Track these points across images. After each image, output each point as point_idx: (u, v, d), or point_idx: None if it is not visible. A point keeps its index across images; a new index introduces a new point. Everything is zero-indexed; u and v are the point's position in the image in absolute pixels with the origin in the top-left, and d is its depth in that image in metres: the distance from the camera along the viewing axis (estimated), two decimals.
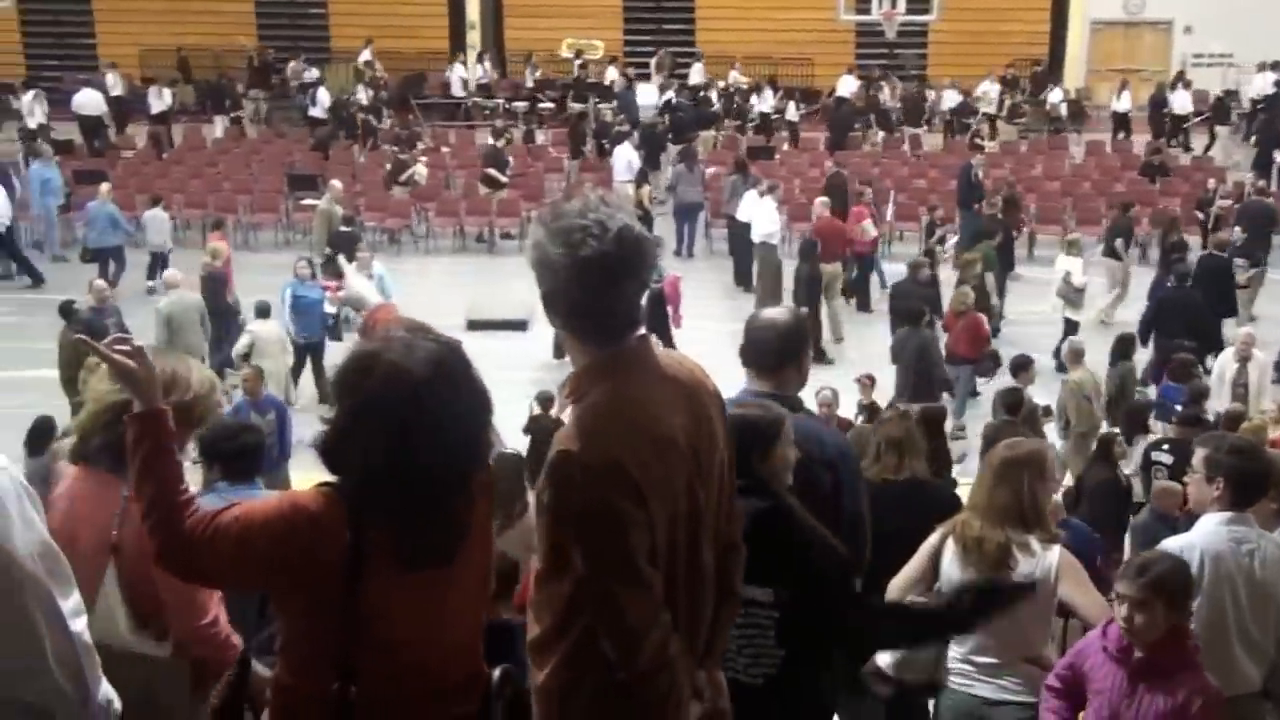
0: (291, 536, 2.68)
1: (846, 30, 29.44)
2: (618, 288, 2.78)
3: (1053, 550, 4.57)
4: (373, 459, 2.69)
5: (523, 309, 15.87)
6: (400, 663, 2.77)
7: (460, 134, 26.15)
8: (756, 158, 23.11)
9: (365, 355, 2.78)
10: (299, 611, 2.78)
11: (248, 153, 24.08)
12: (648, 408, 2.82)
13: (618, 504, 2.70)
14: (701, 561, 2.95)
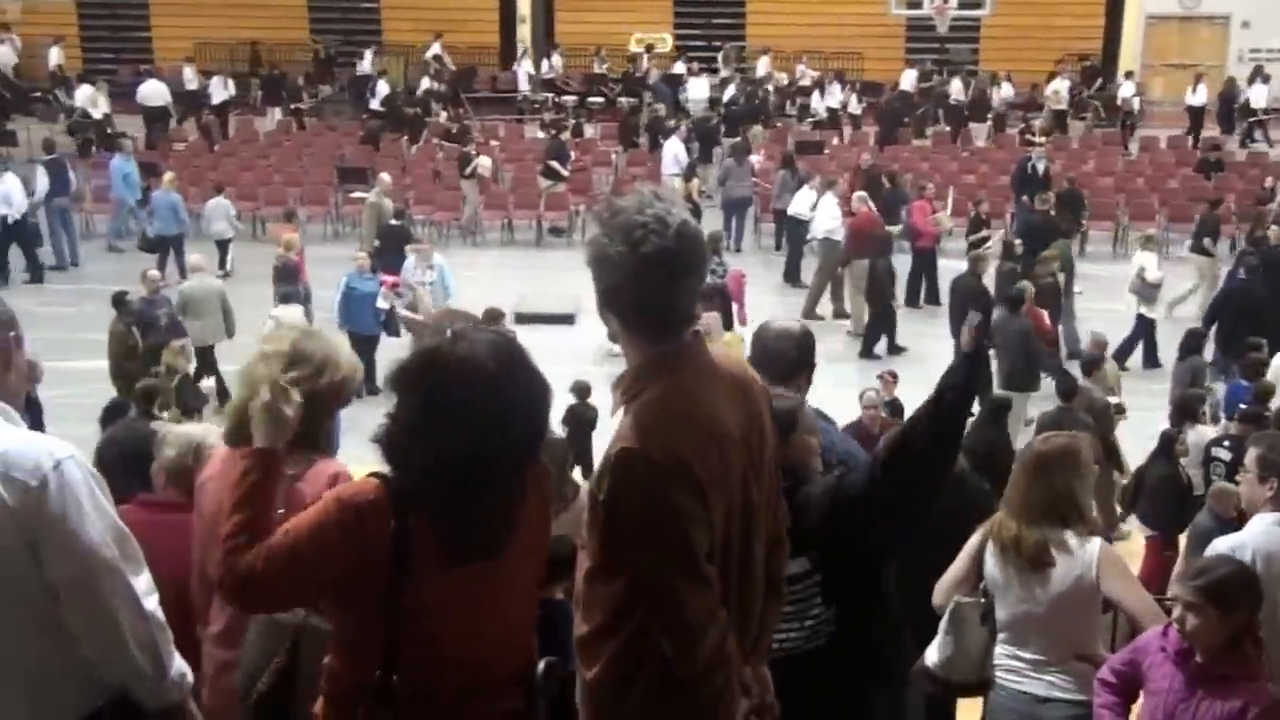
0: (340, 542, 2.69)
1: (897, 24, 29.28)
2: (677, 284, 2.78)
3: (1092, 544, 4.52)
4: (441, 454, 2.68)
5: (570, 303, 15.89)
6: (444, 656, 2.76)
7: (510, 128, 26.18)
8: (805, 152, 23.02)
9: (430, 351, 2.78)
10: (345, 602, 2.78)
11: (299, 145, 24.23)
12: (706, 404, 2.81)
13: (682, 501, 2.70)
14: (753, 558, 2.95)
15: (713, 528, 2.76)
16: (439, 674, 2.76)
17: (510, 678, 2.88)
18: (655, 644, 2.78)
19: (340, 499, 2.74)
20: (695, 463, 2.71)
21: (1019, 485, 4.66)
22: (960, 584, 4.74)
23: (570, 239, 20.38)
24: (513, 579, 2.81)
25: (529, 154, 23.52)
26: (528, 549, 2.83)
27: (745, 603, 2.95)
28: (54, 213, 18.86)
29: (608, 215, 2.79)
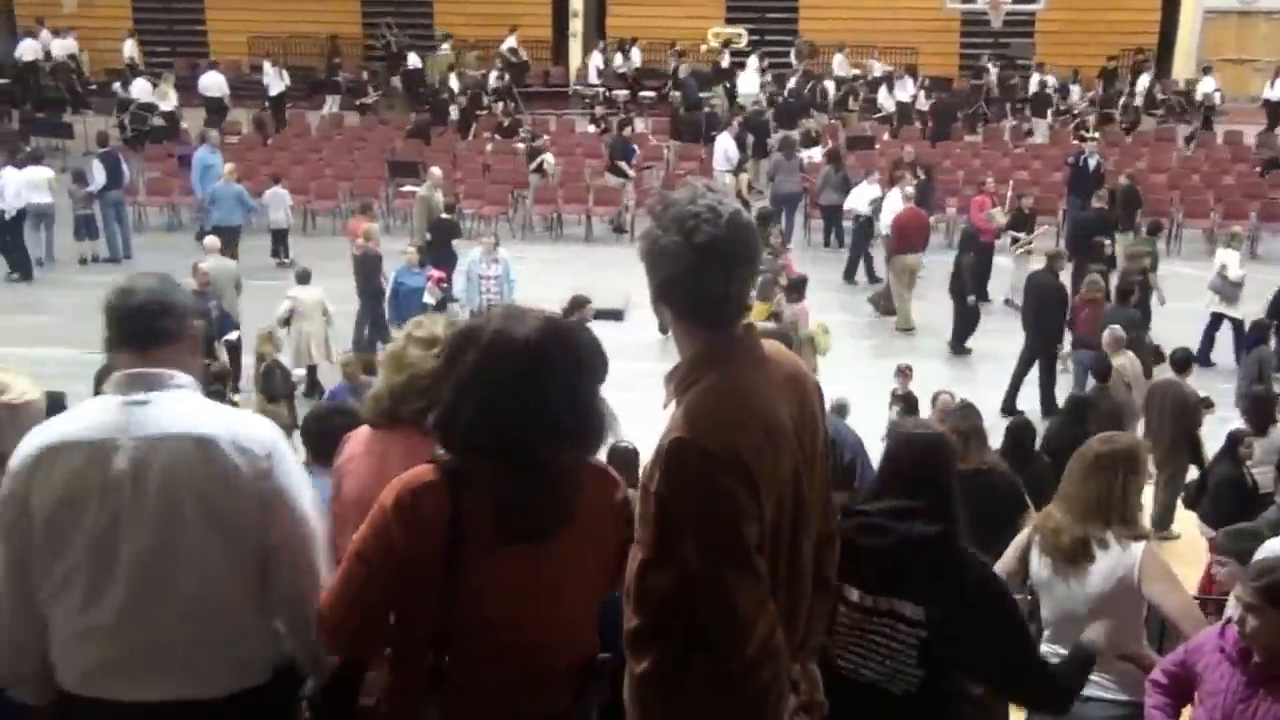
0: (400, 531, 2.72)
1: (952, 18, 29.10)
2: (732, 272, 2.78)
3: (1136, 546, 4.49)
4: (480, 428, 2.70)
5: (619, 298, 15.88)
6: (496, 641, 2.76)
7: (560, 122, 26.21)
8: (856, 148, 22.90)
9: (469, 327, 2.82)
10: (402, 587, 2.78)
11: (350, 139, 24.35)
12: (759, 395, 2.81)
13: (735, 492, 2.69)
14: (802, 553, 2.94)
15: (763, 520, 2.75)
16: (490, 660, 2.76)
17: (566, 671, 2.87)
18: (705, 637, 2.77)
19: (397, 488, 2.77)
20: (748, 454, 2.71)
21: (1074, 479, 4.64)
22: (1007, 580, 4.62)
23: (621, 234, 20.41)
24: (568, 570, 2.79)
25: (579, 148, 23.54)
26: (586, 542, 2.80)
27: (793, 597, 2.94)
28: (108, 205, 19.09)
29: (660, 208, 2.81)
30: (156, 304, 3.10)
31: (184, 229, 20.71)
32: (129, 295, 3.10)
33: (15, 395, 3.60)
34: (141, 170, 21.91)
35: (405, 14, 30.25)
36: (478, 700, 2.77)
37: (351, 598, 2.81)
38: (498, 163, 22.44)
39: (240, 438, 2.98)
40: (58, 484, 2.95)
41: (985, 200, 18.05)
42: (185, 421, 2.98)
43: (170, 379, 3.05)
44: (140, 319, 3.08)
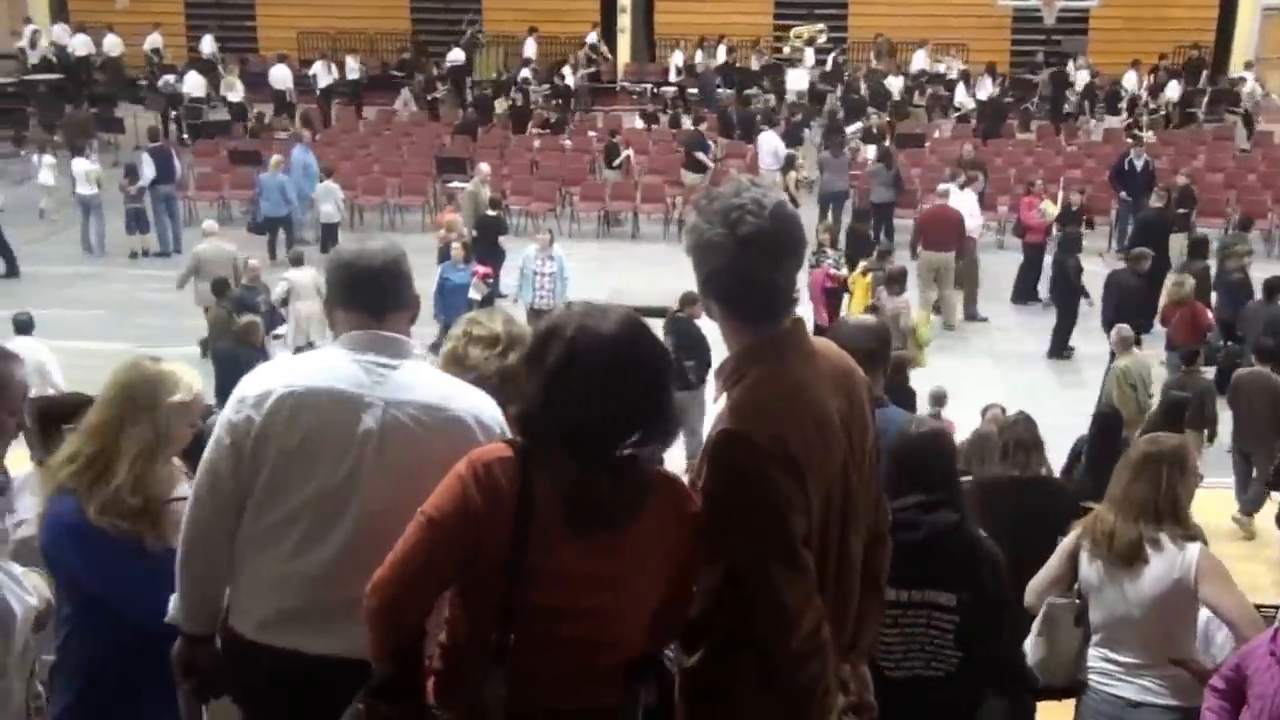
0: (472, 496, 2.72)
1: (1003, 15, 28.84)
2: (778, 264, 2.79)
3: (1191, 548, 4.44)
4: (561, 421, 2.71)
5: (666, 295, 15.79)
6: (558, 631, 2.74)
7: (608, 118, 26.16)
8: (905, 145, 22.74)
9: (552, 324, 2.81)
10: (469, 556, 2.76)
11: (398, 135, 24.41)
12: (808, 389, 2.81)
13: (782, 485, 2.68)
14: (850, 550, 2.93)
15: (811, 514, 2.74)
16: (549, 649, 2.75)
17: (623, 669, 2.86)
18: (752, 630, 2.76)
19: (471, 458, 2.79)
20: (795, 446, 2.70)
21: (1122, 480, 4.60)
22: (1054, 584, 4.73)
23: (668, 230, 20.35)
24: (632, 570, 2.77)
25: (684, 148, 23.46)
26: (654, 545, 2.77)
27: (842, 595, 2.93)
28: (158, 199, 19.24)
29: (705, 202, 2.82)
30: (393, 268, 3.18)
31: (233, 223, 20.79)
32: (369, 258, 3.17)
33: (184, 393, 3.62)
34: (191, 165, 22.04)
35: (454, 10, 30.32)
36: (537, 687, 2.75)
37: (414, 563, 2.75)
38: (545, 159, 22.42)
39: (483, 414, 3.08)
40: (300, 430, 3.04)
41: (1034, 200, 17.90)
42: (436, 395, 3.08)
43: (409, 348, 3.15)
44: (380, 283, 3.15)
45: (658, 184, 21.16)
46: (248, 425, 3.06)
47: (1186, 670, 4.44)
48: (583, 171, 22.05)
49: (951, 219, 16.96)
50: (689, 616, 2.88)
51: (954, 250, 16.74)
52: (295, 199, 18.89)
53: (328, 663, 3.02)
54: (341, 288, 3.19)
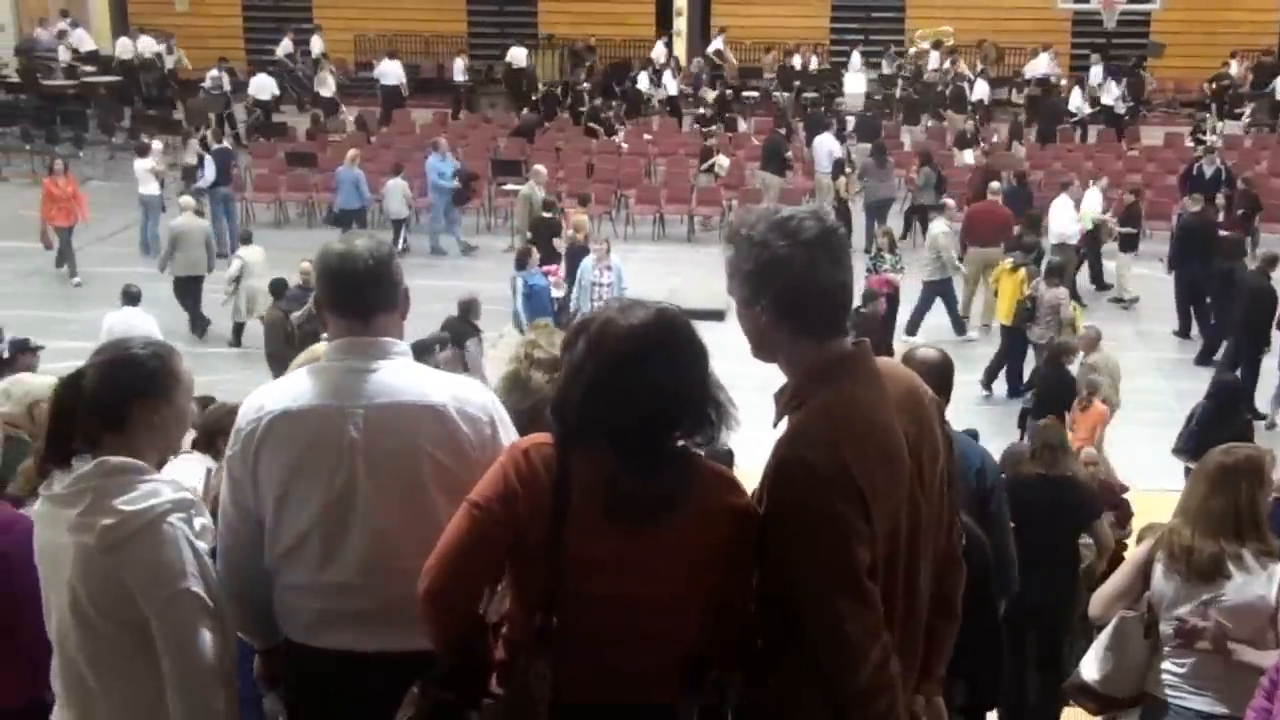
0: (513, 488, 2.74)
1: (1063, 18, 28.58)
2: (842, 264, 2.77)
3: (1276, 568, 4.37)
4: (585, 409, 2.71)
5: (720, 299, 15.62)
6: (598, 619, 2.73)
7: (664, 121, 26.14)
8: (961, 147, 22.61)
9: (583, 319, 2.87)
10: (513, 541, 2.77)
11: (454, 137, 24.49)
12: (875, 414, 2.73)
13: (844, 513, 2.61)
14: (918, 580, 2.85)
15: (875, 543, 2.66)
16: (591, 637, 2.73)
17: (671, 669, 2.82)
18: (819, 667, 2.69)
19: (512, 446, 2.84)
20: (859, 474, 2.62)
21: (1197, 493, 4.52)
22: (1123, 597, 4.67)
23: (721, 234, 20.28)
24: (673, 563, 2.73)
25: (681, 148, 23.46)
26: (696, 539, 2.73)
27: (912, 626, 2.85)
28: (217, 201, 19.40)
29: (748, 228, 2.78)
30: (376, 270, 3.16)
31: (290, 225, 20.98)
32: (352, 260, 3.14)
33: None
34: (250, 166, 22.19)
35: (509, 12, 30.43)
36: (583, 677, 2.74)
37: (459, 549, 2.76)
38: (600, 162, 22.43)
39: (466, 404, 3.09)
40: (292, 451, 3.07)
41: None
42: (414, 389, 3.09)
43: (393, 347, 3.15)
44: (363, 287, 3.15)
45: (714, 187, 21.09)
46: (244, 456, 3.12)
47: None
48: (638, 174, 22.03)
49: (999, 215, 16.93)
50: (755, 646, 2.83)
51: (1001, 246, 16.66)
52: (370, 193, 19.38)
53: (383, 659, 3.05)
54: (327, 290, 3.21)
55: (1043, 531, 6.63)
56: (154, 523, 3.02)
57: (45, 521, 3.19)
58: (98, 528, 3.00)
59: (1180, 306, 16.51)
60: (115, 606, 3.04)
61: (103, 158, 23.96)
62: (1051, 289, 14.02)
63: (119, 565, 3.01)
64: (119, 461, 3.06)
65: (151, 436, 3.16)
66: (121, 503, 3.01)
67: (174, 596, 3.02)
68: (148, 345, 3.26)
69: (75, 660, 3.15)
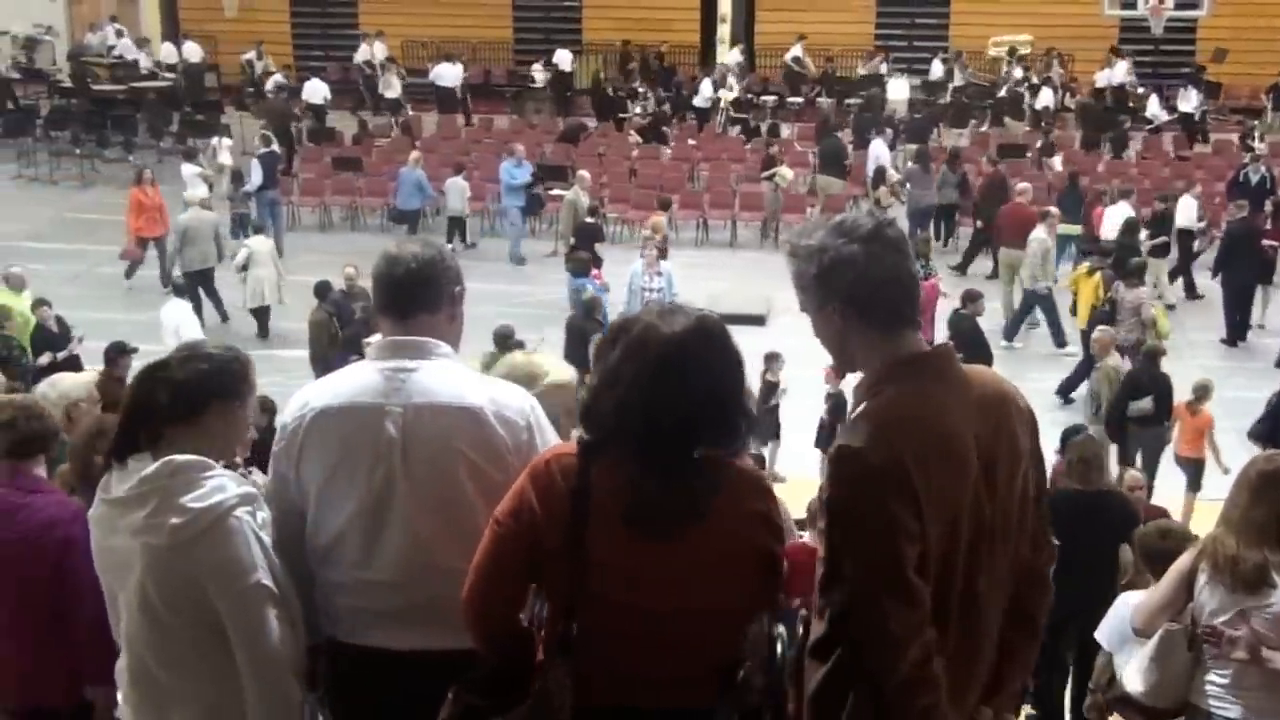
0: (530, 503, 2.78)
1: (1110, 25, 28.36)
2: (902, 255, 2.79)
3: None
4: (615, 412, 2.74)
5: (762, 304, 15.80)
6: (621, 626, 2.74)
7: (708, 127, 26.11)
8: (1007, 155, 22.48)
9: (623, 321, 2.88)
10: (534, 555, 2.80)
11: (499, 143, 24.58)
12: (942, 413, 2.73)
13: (892, 508, 2.62)
14: (978, 585, 2.80)
15: (927, 541, 2.66)
16: (614, 643, 2.75)
17: (703, 675, 2.81)
18: (863, 662, 2.71)
19: (535, 458, 2.89)
20: (913, 469, 2.63)
21: (1239, 503, 4.49)
22: (1167, 609, 4.63)
23: (765, 238, 20.29)
24: (697, 570, 2.74)
25: (724, 154, 23.46)
26: (720, 546, 2.75)
27: (969, 632, 2.81)
28: (264, 204, 19.56)
29: (807, 236, 2.80)
30: (419, 273, 3.20)
31: (334, 228, 21.12)
32: (395, 263, 3.21)
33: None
34: (297, 171, 22.37)
35: (555, 18, 30.54)
36: (609, 683, 2.76)
37: (488, 565, 2.82)
38: (644, 167, 22.45)
39: (504, 408, 3.11)
40: (332, 448, 3.12)
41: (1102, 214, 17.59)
42: (451, 391, 3.11)
43: (434, 348, 3.18)
44: (403, 287, 3.20)
45: (756, 191, 21.09)
46: (288, 452, 3.19)
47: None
48: (681, 180, 22.05)
49: (1027, 216, 16.93)
50: (817, 633, 2.81)
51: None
52: (431, 193, 19.81)
53: (421, 658, 3.08)
54: (374, 292, 3.29)
55: (1080, 546, 6.47)
56: (222, 518, 3.08)
57: (105, 525, 3.23)
58: (167, 527, 3.05)
59: (1228, 314, 16.40)
60: (188, 604, 3.09)
61: (151, 161, 24.19)
62: (1131, 290, 14.07)
63: (190, 562, 3.07)
64: (184, 460, 3.12)
65: (219, 437, 3.24)
66: (190, 500, 3.07)
67: (246, 590, 3.08)
68: (230, 349, 3.36)
69: (147, 660, 3.19)
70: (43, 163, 23.65)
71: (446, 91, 27.21)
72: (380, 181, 21.52)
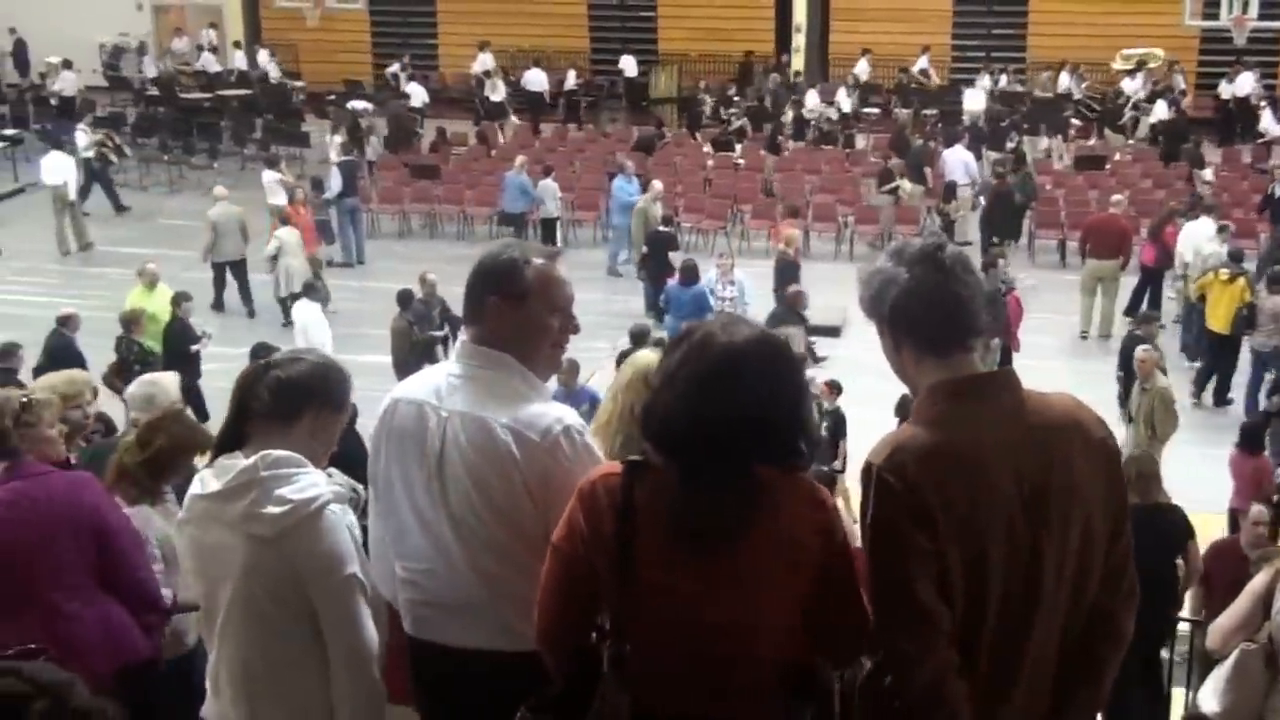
0: (580, 525, 2.81)
1: (1190, 36, 28.01)
2: (952, 279, 2.78)
3: None
4: (669, 420, 2.74)
5: (837, 314, 15.75)
6: (672, 642, 2.75)
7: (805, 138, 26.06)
8: (1084, 167, 22.30)
9: (686, 329, 2.88)
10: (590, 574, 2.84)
11: (573, 150, 24.74)
12: (975, 439, 2.72)
13: (901, 526, 2.66)
14: (1013, 614, 2.75)
15: (946, 564, 2.67)
16: (666, 659, 2.77)
17: (760, 688, 2.80)
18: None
19: (583, 479, 2.89)
20: (929, 491, 2.65)
21: None
22: (1243, 629, 4.60)
23: (839, 249, 20.28)
24: (748, 584, 2.72)
25: (797, 163, 23.45)
26: (773, 559, 2.73)
27: (1003, 666, 2.77)
28: (344, 212, 19.85)
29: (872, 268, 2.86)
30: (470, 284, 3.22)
31: (412, 236, 21.35)
32: (477, 265, 3.23)
33: None
34: (375, 180, 22.63)
35: (630, 28, 30.66)
36: (665, 698, 2.77)
37: (550, 589, 2.87)
38: (718, 177, 22.51)
39: (526, 427, 3.07)
40: (392, 437, 3.22)
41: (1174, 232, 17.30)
42: (485, 404, 3.11)
43: (495, 360, 3.16)
44: (464, 295, 3.24)
45: (829, 203, 21.07)
46: (375, 435, 3.29)
47: None
48: (754, 190, 22.08)
49: (1117, 227, 16.82)
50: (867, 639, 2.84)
51: (1118, 259, 16.72)
52: (535, 195, 20.15)
53: (470, 654, 3.15)
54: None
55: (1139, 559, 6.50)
56: (319, 511, 3.17)
57: (203, 521, 3.30)
58: (268, 517, 3.14)
59: None
60: (288, 595, 3.18)
61: (234, 168, 24.63)
62: (1273, 296, 14.09)
63: (290, 553, 3.16)
64: (280, 454, 3.20)
65: (309, 442, 3.30)
66: (288, 492, 3.16)
67: (342, 581, 3.18)
68: (329, 358, 3.47)
69: (247, 657, 3.27)
70: (131, 169, 24.13)
71: (535, 96, 27.61)
72: (457, 189, 21.75)
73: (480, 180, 22.12)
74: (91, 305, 14.95)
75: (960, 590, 2.69)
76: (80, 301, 14.80)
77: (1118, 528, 2.88)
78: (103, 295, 16.25)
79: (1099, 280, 16.76)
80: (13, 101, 28.02)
